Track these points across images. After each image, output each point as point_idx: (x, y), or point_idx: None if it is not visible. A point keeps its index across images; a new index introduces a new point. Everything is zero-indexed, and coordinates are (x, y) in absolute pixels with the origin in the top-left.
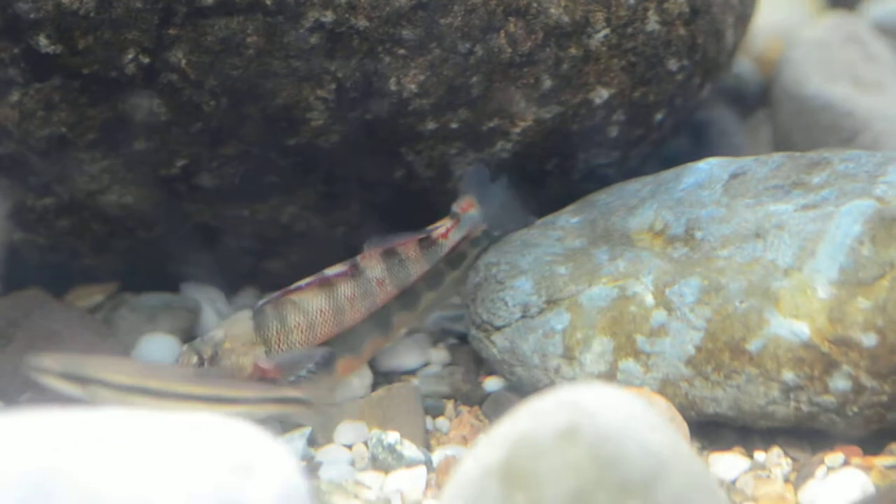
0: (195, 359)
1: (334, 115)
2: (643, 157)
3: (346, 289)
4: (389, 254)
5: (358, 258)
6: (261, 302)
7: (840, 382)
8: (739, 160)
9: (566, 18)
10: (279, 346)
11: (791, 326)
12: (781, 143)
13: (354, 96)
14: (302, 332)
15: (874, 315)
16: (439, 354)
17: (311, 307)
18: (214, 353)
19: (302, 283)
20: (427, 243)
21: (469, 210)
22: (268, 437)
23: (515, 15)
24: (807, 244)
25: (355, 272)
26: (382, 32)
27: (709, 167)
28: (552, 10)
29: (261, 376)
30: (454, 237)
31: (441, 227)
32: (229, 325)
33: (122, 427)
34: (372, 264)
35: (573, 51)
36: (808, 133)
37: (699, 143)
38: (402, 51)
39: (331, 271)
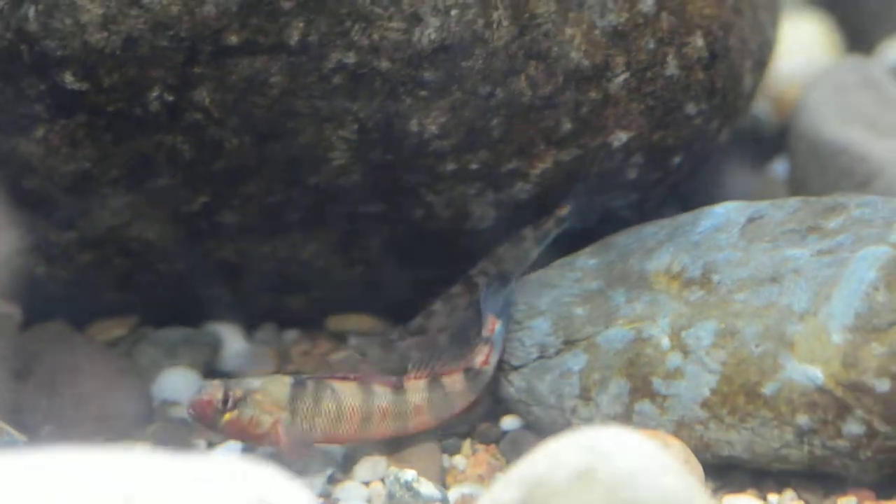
0: (220, 394)
1: (356, 155)
2: (661, 200)
3: (382, 400)
4: (435, 384)
5: (405, 378)
6: (306, 375)
7: (853, 427)
8: (756, 204)
9: (586, 62)
10: (303, 422)
11: (805, 371)
12: (798, 186)
13: (376, 137)
14: (329, 420)
15: (888, 361)
16: None
17: (346, 401)
18: (243, 397)
19: (350, 374)
20: (472, 374)
21: (496, 327)
22: (285, 473)
23: (536, 58)
24: (822, 289)
25: (398, 388)
26: (404, 74)
27: (726, 211)
28: (573, 54)
29: (274, 441)
30: (494, 360)
31: (480, 354)
32: (268, 380)
33: (135, 465)
34: (415, 388)
35: (593, 94)
36: (824, 177)
37: (716, 186)
38: (423, 92)
39: (377, 377)
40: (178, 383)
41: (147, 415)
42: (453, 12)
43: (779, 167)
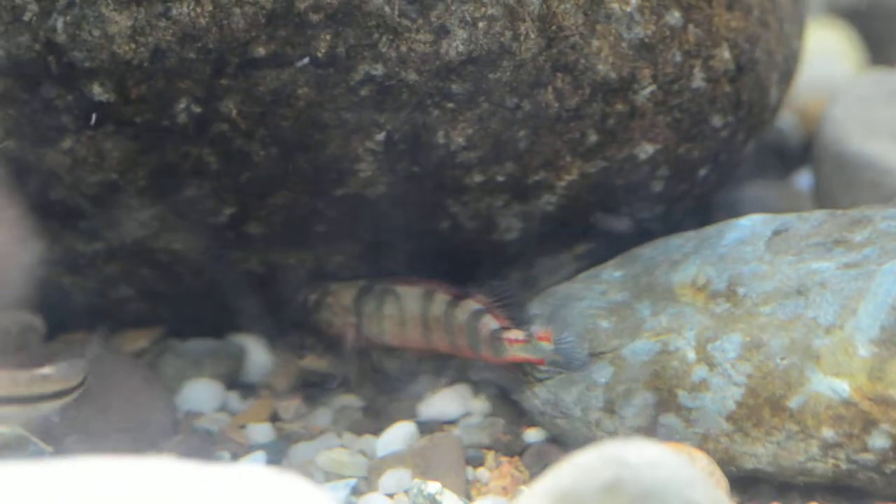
0: (302, 297)
1: (382, 167)
2: (686, 212)
3: (437, 309)
4: (476, 316)
5: (468, 296)
6: (371, 281)
7: (879, 441)
8: (782, 217)
9: (613, 75)
10: (370, 326)
11: (831, 384)
12: (823, 199)
13: (402, 148)
14: (394, 325)
15: None
16: (481, 405)
17: (408, 308)
18: (319, 300)
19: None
20: (498, 334)
21: (550, 339)
22: (311, 485)
23: (563, 71)
24: (848, 302)
25: (453, 304)
26: (432, 86)
27: (751, 223)
28: (600, 67)
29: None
30: (519, 354)
31: (513, 334)
32: (339, 285)
33: (159, 475)
34: (466, 308)
35: (619, 106)
36: (849, 190)
37: (741, 198)
38: (450, 104)
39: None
40: (203, 395)
41: (172, 426)
42: (481, 24)
43: (803, 179)
